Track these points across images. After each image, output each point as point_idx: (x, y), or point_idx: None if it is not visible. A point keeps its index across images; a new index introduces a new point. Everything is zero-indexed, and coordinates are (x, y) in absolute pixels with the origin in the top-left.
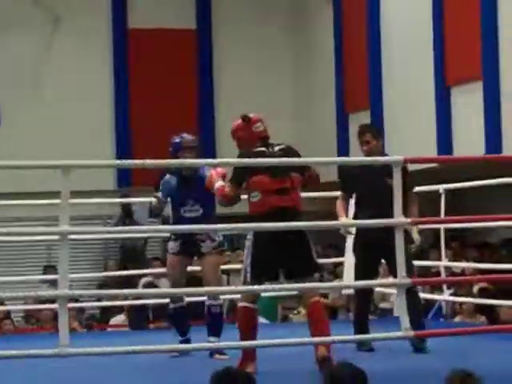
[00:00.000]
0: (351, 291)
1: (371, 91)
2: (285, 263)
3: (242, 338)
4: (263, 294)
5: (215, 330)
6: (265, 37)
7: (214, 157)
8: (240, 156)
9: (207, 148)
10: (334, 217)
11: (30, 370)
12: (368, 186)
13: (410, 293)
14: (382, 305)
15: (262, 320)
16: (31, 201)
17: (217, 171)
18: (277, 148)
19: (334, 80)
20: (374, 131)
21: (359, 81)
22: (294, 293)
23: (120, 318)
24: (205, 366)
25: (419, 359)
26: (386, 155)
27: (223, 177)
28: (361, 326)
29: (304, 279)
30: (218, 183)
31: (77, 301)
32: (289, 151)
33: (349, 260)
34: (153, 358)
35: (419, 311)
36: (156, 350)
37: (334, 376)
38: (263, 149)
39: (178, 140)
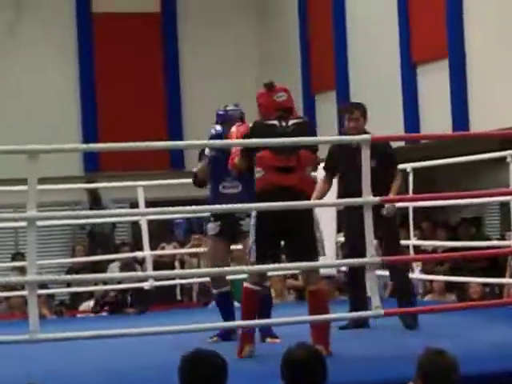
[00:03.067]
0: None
1: (337, 71)
2: (286, 243)
3: (243, 319)
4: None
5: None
6: (230, 21)
7: (180, 139)
8: (252, 127)
9: (174, 131)
10: None
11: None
12: (349, 166)
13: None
14: None
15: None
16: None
17: (238, 129)
18: (292, 122)
19: (300, 60)
20: (363, 109)
21: (325, 61)
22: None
23: (89, 304)
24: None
25: (392, 338)
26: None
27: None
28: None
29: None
30: (235, 149)
31: (46, 287)
32: (302, 127)
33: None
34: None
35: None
36: (125, 333)
37: (290, 358)
38: (275, 122)
39: (221, 112)
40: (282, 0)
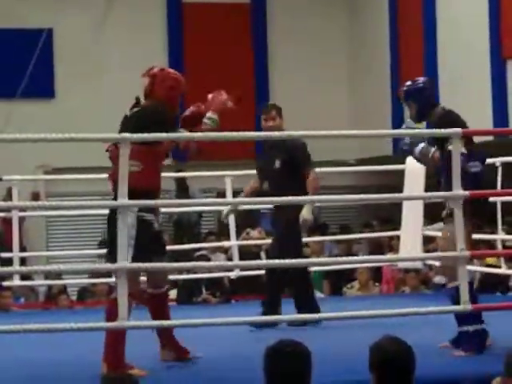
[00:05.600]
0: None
1: (426, 66)
2: None
3: None
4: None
5: None
6: (319, 11)
7: None
8: None
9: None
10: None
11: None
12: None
13: None
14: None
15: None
16: (88, 175)
17: None
18: (134, 110)
19: (389, 57)
20: (279, 109)
21: (414, 54)
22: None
23: (172, 293)
24: None
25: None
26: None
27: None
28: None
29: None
30: None
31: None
32: (131, 117)
33: (405, 233)
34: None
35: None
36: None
37: (380, 350)
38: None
39: None
40: None
